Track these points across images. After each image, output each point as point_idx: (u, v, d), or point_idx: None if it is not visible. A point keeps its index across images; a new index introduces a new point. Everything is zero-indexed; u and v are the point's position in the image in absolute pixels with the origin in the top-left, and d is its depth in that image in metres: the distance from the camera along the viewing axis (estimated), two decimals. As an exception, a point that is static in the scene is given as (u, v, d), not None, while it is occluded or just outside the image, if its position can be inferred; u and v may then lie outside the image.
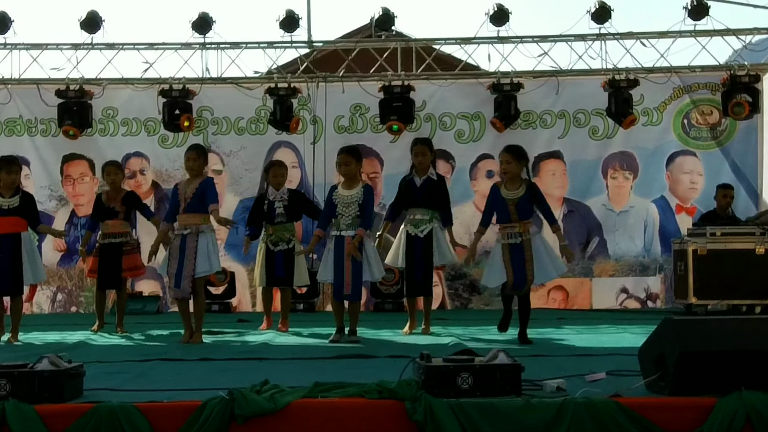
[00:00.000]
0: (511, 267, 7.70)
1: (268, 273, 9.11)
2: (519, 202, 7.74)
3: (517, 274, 7.70)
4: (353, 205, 8.00)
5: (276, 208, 9.12)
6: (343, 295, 8.00)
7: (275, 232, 9.09)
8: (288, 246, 9.09)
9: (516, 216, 7.74)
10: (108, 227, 9.19)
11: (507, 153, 7.90)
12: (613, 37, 12.28)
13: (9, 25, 12.19)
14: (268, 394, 4.56)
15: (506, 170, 7.85)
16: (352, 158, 8.18)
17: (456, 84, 12.57)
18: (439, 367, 4.65)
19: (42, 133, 12.55)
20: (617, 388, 4.70)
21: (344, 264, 7.94)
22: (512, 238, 7.73)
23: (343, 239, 7.96)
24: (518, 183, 7.82)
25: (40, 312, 12.19)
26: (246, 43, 12.57)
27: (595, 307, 12.25)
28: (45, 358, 4.75)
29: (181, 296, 8.06)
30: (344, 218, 8.00)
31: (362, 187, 8.11)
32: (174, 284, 7.98)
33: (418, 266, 8.58)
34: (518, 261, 7.70)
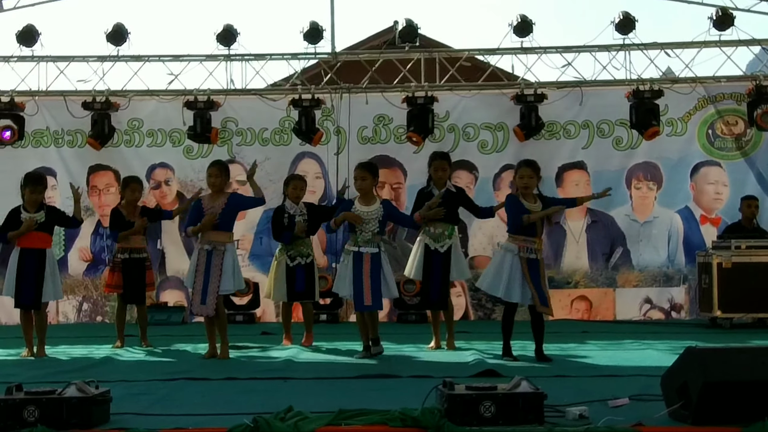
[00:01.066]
0: (532, 284, 7.66)
1: (289, 288, 9.11)
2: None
3: (540, 291, 7.68)
4: (373, 221, 8.02)
5: (296, 222, 9.12)
6: (364, 306, 8.03)
7: (294, 247, 9.11)
8: (307, 260, 9.12)
9: (541, 230, 7.76)
10: (129, 242, 9.27)
11: (528, 167, 7.89)
12: (638, 47, 12.25)
13: (36, 38, 12.32)
14: (292, 421, 4.59)
15: (528, 185, 7.82)
16: (368, 173, 8.19)
17: (480, 94, 12.57)
18: (462, 395, 4.67)
19: (68, 144, 12.67)
20: (640, 416, 4.71)
21: (363, 277, 7.97)
22: (530, 253, 7.72)
23: (362, 255, 7.99)
24: (533, 198, 7.83)
25: (66, 322, 12.31)
26: (270, 54, 12.65)
27: (619, 318, 12.23)
28: (73, 385, 4.80)
29: (205, 313, 8.12)
30: (363, 234, 8.03)
31: (381, 203, 8.16)
32: (201, 301, 8.04)
33: (435, 281, 8.57)
34: (536, 278, 7.69)
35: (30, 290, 8.42)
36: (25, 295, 8.44)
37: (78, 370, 7.22)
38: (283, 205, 9.35)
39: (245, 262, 12.26)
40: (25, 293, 8.43)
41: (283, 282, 9.13)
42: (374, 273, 7.98)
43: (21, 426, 4.57)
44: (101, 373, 6.72)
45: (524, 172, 7.87)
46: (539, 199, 7.84)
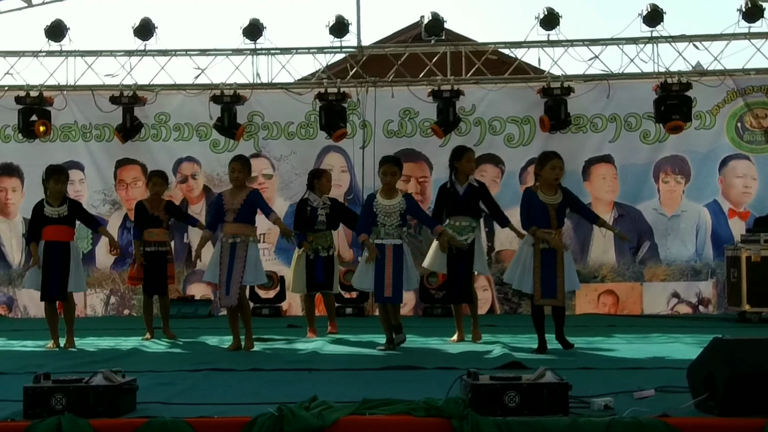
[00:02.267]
0: (539, 274, 7.66)
1: (309, 279, 9.19)
2: (558, 207, 7.74)
3: (547, 281, 7.66)
4: (395, 214, 8.06)
5: (318, 215, 9.21)
6: (384, 298, 8.05)
7: (315, 239, 9.17)
8: (328, 253, 9.18)
9: (555, 222, 7.73)
10: (152, 235, 9.35)
11: (560, 159, 7.88)
12: (665, 40, 12.16)
13: (65, 32, 12.43)
14: (317, 410, 4.60)
15: (559, 176, 7.83)
16: (398, 169, 8.27)
17: (506, 88, 12.53)
18: (486, 385, 4.66)
19: (96, 139, 12.77)
20: (666, 407, 4.67)
21: (385, 270, 7.99)
22: (547, 244, 7.69)
23: (384, 248, 8.03)
24: (555, 189, 7.80)
25: (94, 315, 12.42)
26: (296, 48, 12.67)
27: (646, 312, 12.16)
28: (100, 373, 4.84)
29: (229, 304, 8.15)
30: (386, 227, 8.06)
31: (403, 197, 8.18)
32: (225, 292, 8.09)
33: (459, 274, 8.57)
34: (550, 268, 7.67)
35: (56, 282, 8.50)
36: (51, 287, 8.52)
37: (105, 361, 7.27)
38: (306, 198, 9.39)
39: (271, 256, 12.33)
40: (51, 285, 8.51)
41: (303, 274, 9.19)
42: (396, 265, 8.02)
43: (49, 413, 4.61)
44: (128, 364, 6.76)
45: (556, 163, 7.82)
46: (561, 191, 7.80)
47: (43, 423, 4.48)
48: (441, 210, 8.83)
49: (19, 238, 12.67)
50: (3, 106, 12.46)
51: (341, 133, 12.06)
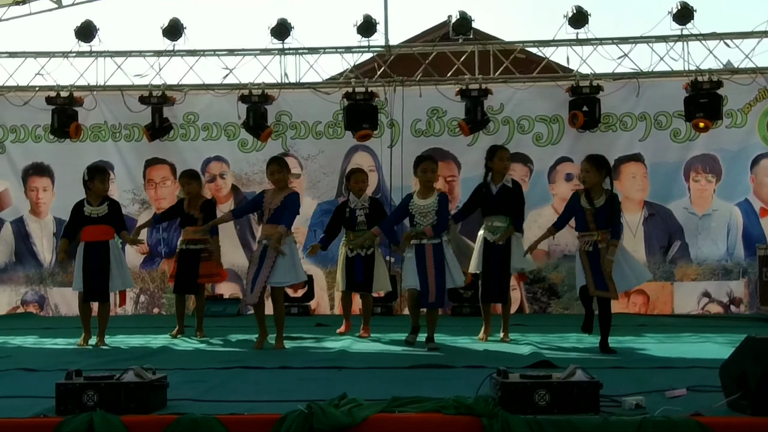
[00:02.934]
0: (590, 270, 7.66)
1: (348, 278, 9.21)
2: (597, 212, 7.69)
3: (597, 278, 7.65)
4: (430, 214, 8.06)
5: (357, 216, 9.23)
6: (428, 303, 8.06)
7: (356, 238, 9.15)
8: (367, 252, 9.15)
9: (594, 225, 7.70)
10: (188, 233, 9.39)
11: (586, 162, 7.86)
12: (696, 37, 12.05)
13: (94, 33, 12.53)
14: (346, 408, 4.61)
15: (584, 179, 7.82)
16: (436, 167, 8.29)
17: (534, 86, 12.48)
18: (516, 383, 4.65)
19: (126, 138, 12.84)
20: (698, 406, 4.63)
21: (427, 272, 7.99)
22: (590, 246, 7.71)
23: (424, 247, 8.04)
24: (600, 192, 7.75)
25: (124, 313, 12.45)
26: (324, 48, 12.68)
27: (677, 312, 12.05)
28: (131, 370, 4.87)
29: (251, 302, 8.21)
30: (422, 226, 8.06)
31: (438, 196, 8.16)
32: (250, 290, 8.13)
33: (495, 273, 8.57)
34: (596, 266, 7.66)
35: (97, 283, 8.57)
36: (93, 287, 8.58)
37: (136, 359, 7.32)
38: (347, 199, 9.43)
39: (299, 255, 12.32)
40: (93, 286, 8.58)
41: (343, 272, 9.21)
42: (438, 264, 8.01)
43: (81, 410, 4.65)
44: (158, 362, 6.81)
45: (582, 166, 7.89)
46: (607, 199, 7.73)
47: (75, 419, 4.52)
48: (468, 209, 8.82)
49: (50, 238, 12.78)
50: (34, 106, 12.56)
51: (364, 134, 12.04)
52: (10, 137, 12.93)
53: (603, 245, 7.64)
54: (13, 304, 12.82)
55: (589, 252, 7.69)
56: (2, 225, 12.92)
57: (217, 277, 9.90)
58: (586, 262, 7.71)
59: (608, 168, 7.88)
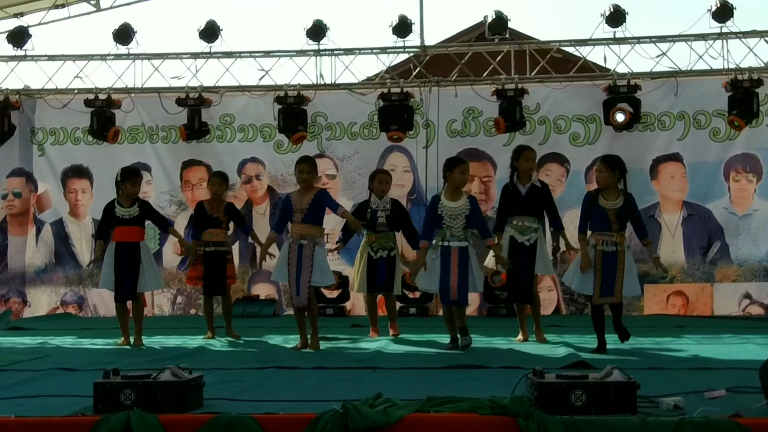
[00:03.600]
0: (600, 274, 7.60)
1: (369, 280, 9.17)
2: (619, 212, 7.66)
3: (606, 281, 7.59)
4: (460, 216, 8.01)
5: (378, 217, 9.19)
6: (450, 300, 8.00)
7: (378, 240, 9.14)
8: (390, 254, 9.13)
9: (616, 225, 7.65)
10: (212, 236, 9.43)
11: (601, 162, 7.90)
12: (735, 35, 11.90)
13: (132, 36, 12.62)
14: (381, 408, 4.60)
15: (599, 179, 7.84)
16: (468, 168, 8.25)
17: (571, 86, 12.38)
18: (552, 383, 4.61)
19: (163, 140, 12.93)
20: (738, 407, 4.57)
21: (450, 272, 7.95)
22: (608, 246, 7.63)
23: (450, 249, 7.98)
24: (616, 193, 7.72)
25: (161, 314, 12.59)
26: (359, 49, 12.68)
27: (717, 314, 11.89)
28: (167, 369, 4.90)
29: (299, 304, 8.15)
30: (452, 230, 8.02)
31: (468, 199, 8.12)
32: (296, 292, 8.11)
33: (521, 274, 8.50)
34: (610, 269, 7.60)
35: (127, 282, 8.65)
36: (124, 287, 8.67)
37: (173, 358, 7.38)
38: (368, 200, 9.40)
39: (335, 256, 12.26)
40: (124, 286, 8.67)
41: (365, 274, 9.18)
42: (462, 267, 7.97)
43: (118, 408, 4.69)
44: (195, 362, 6.85)
45: (597, 166, 7.98)
46: (625, 199, 7.69)
47: (112, 418, 4.56)
48: (504, 213, 8.72)
49: (89, 239, 12.90)
50: (73, 108, 12.68)
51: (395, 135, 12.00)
52: (50, 140, 13.08)
53: (621, 248, 7.60)
54: (53, 305, 12.97)
55: (605, 253, 7.61)
56: (42, 227, 13.08)
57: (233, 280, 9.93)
58: (599, 264, 7.62)
59: (623, 168, 7.82)
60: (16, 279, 13.06)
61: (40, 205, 13.14)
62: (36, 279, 13.04)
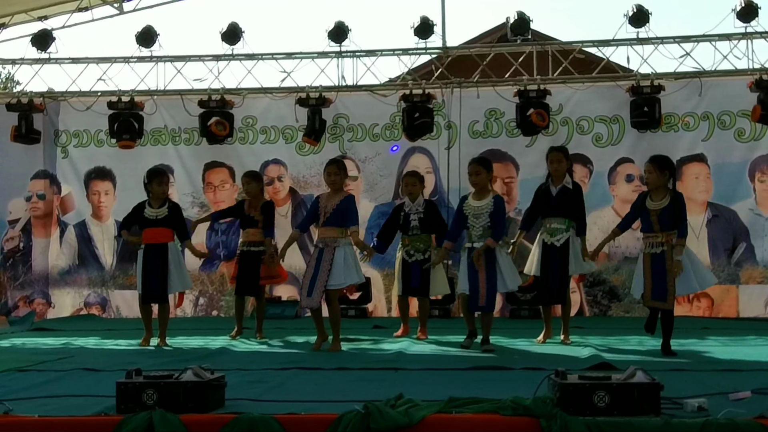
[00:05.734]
0: (650, 277, 7.55)
1: (404, 283, 9.16)
2: (661, 213, 7.58)
3: (657, 284, 7.52)
4: (483, 216, 7.99)
5: (411, 220, 9.13)
6: (478, 307, 8.01)
7: (411, 242, 9.09)
8: (424, 256, 9.07)
9: (658, 226, 7.59)
10: (248, 235, 9.47)
11: (649, 163, 7.82)
12: (761, 35, 11.80)
13: (155, 39, 12.69)
14: (403, 408, 4.58)
15: (647, 180, 7.79)
16: (482, 168, 8.18)
17: (593, 87, 12.32)
18: (575, 384, 4.58)
19: (185, 142, 12.99)
20: (763, 409, 4.52)
21: (478, 276, 7.93)
22: (654, 248, 7.60)
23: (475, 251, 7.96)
24: (663, 193, 7.66)
25: (184, 315, 12.59)
26: (381, 50, 12.67)
27: (742, 316, 11.78)
28: (189, 370, 4.91)
29: (309, 305, 8.14)
30: (475, 229, 8.04)
31: (493, 198, 8.09)
32: (307, 294, 8.08)
33: (554, 275, 8.48)
34: (659, 271, 7.54)
35: (156, 284, 8.69)
36: (152, 289, 8.70)
37: (195, 359, 7.39)
38: (402, 202, 9.39)
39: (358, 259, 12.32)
40: (152, 288, 8.70)
41: (400, 276, 9.16)
42: (489, 268, 7.94)
43: (141, 408, 4.70)
44: (217, 362, 6.86)
45: (645, 167, 7.86)
46: (672, 199, 7.62)
47: (135, 417, 4.57)
48: (534, 210, 8.71)
49: (111, 241, 12.97)
50: (96, 111, 12.75)
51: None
52: (73, 142, 13.16)
53: (668, 247, 7.52)
54: (76, 306, 13.04)
55: (654, 255, 7.58)
56: (66, 228, 13.16)
57: (278, 279, 9.91)
58: (648, 266, 7.61)
59: (672, 168, 7.79)
60: (40, 280, 13.15)
61: (64, 207, 13.22)
62: (60, 280, 13.12)
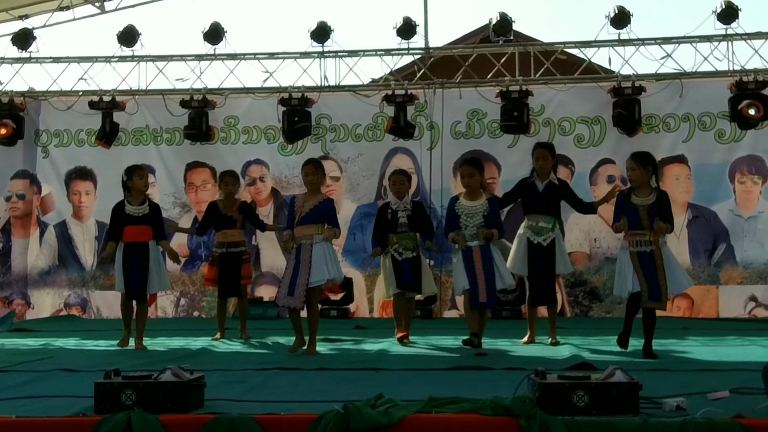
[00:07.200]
0: (644, 277, 7.47)
1: (397, 279, 8.96)
2: (651, 208, 7.53)
3: (652, 284, 7.46)
4: (477, 215, 7.94)
5: (399, 218, 9.03)
6: (479, 303, 7.90)
7: (399, 241, 8.98)
8: (413, 254, 8.94)
9: (647, 222, 7.53)
10: (226, 236, 9.40)
11: (632, 160, 7.74)
12: (741, 37, 11.87)
13: (136, 38, 12.64)
14: (383, 408, 4.58)
15: (631, 177, 7.72)
16: (475, 170, 8.10)
17: (575, 88, 12.36)
18: (555, 384, 4.59)
19: (167, 142, 12.95)
20: (741, 408, 4.54)
21: (476, 274, 7.88)
22: (642, 246, 7.52)
23: (471, 250, 7.90)
24: (648, 190, 7.63)
25: (165, 316, 12.57)
26: (363, 50, 12.66)
27: (722, 316, 11.84)
28: (169, 370, 4.89)
29: (292, 305, 7.92)
30: (468, 229, 7.95)
31: (487, 199, 8.03)
32: (287, 293, 7.89)
33: (542, 275, 8.45)
34: (650, 270, 7.46)
35: (137, 282, 8.61)
36: (133, 286, 8.63)
37: (175, 360, 7.36)
38: (388, 201, 9.35)
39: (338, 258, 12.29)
40: (133, 285, 8.63)
41: (392, 275, 9.00)
42: (486, 266, 7.86)
43: (119, 409, 4.68)
44: (197, 363, 6.84)
45: (628, 164, 7.78)
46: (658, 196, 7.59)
47: (113, 418, 4.55)
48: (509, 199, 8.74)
49: (92, 241, 12.91)
50: (77, 111, 12.70)
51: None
52: (54, 141, 13.10)
53: (656, 246, 7.48)
54: (56, 307, 12.97)
55: (642, 254, 7.49)
56: (46, 229, 13.09)
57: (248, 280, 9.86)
58: (638, 265, 7.48)
59: (654, 165, 7.75)
60: (19, 281, 13.07)
61: (44, 207, 13.15)
62: (39, 281, 13.05)
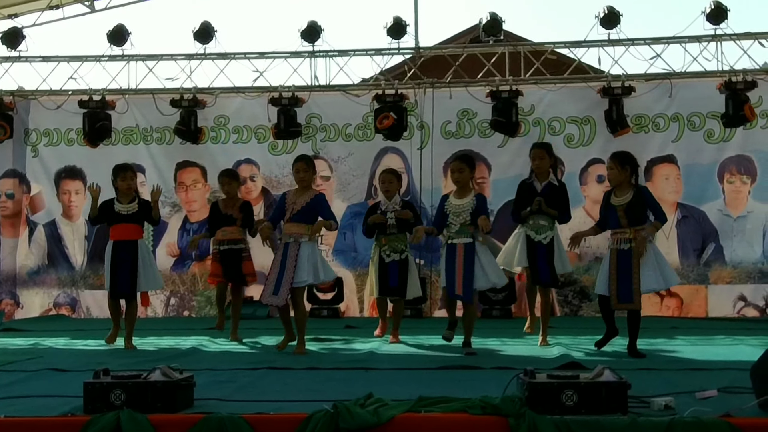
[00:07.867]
0: (615, 279, 7.53)
1: (382, 283, 8.95)
2: (627, 207, 7.58)
3: (622, 285, 7.50)
4: (464, 213, 7.93)
5: (388, 218, 9.02)
6: (455, 295, 7.89)
7: (388, 242, 8.96)
8: (401, 257, 8.93)
9: (626, 221, 7.58)
10: (225, 233, 9.35)
11: (610, 159, 7.85)
12: (730, 37, 11.91)
13: (126, 37, 12.64)
14: (372, 407, 4.58)
15: (609, 177, 7.82)
16: (465, 166, 8.09)
17: (565, 88, 12.39)
18: (543, 383, 4.60)
19: (157, 141, 12.94)
20: (729, 407, 4.56)
21: (456, 269, 7.89)
22: (621, 244, 7.59)
23: (455, 247, 7.90)
24: (627, 189, 7.68)
25: (155, 315, 12.54)
26: (354, 50, 12.67)
27: (711, 316, 11.89)
28: (158, 369, 4.88)
29: (276, 303, 7.90)
30: (454, 226, 7.96)
31: (474, 196, 8.02)
32: (273, 291, 7.85)
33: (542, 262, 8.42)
34: (625, 269, 7.51)
35: (125, 280, 8.57)
36: (121, 285, 8.59)
37: (165, 359, 7.34)
38: (378, 202, 9.34)
39: (329, 258, 12.31)
40: (121, 283, 8.58)
41: (377, 277, 8.98)
42: (467, 263, 7.83)
43: (108, 408, 4.67)
44: (187, 362, 6.84)
45: (606, 164, 7.91)
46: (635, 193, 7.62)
47: (102, 418, 4.54)
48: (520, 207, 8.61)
49: (81, 241, 12.89)
50: (67, 110, 12.68)
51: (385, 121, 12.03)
52: (44, 141, 13.07)
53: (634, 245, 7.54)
54: (45, 307, 12.95)
55: (620, 251, 7.56)
56: (35, 228, 13.06)
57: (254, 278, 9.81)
58: (614, 264, 7.56)
59: (633, 164, 7.77)
60: (8, 281, 13.04)
61: (33, 206, 13.12)
62: (29, 281, 13.03)
